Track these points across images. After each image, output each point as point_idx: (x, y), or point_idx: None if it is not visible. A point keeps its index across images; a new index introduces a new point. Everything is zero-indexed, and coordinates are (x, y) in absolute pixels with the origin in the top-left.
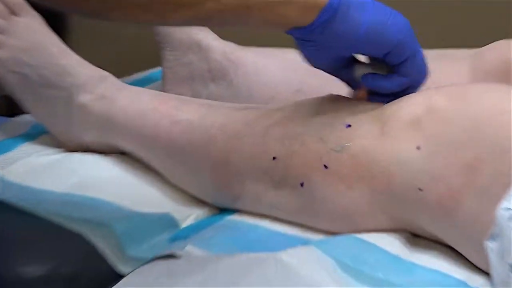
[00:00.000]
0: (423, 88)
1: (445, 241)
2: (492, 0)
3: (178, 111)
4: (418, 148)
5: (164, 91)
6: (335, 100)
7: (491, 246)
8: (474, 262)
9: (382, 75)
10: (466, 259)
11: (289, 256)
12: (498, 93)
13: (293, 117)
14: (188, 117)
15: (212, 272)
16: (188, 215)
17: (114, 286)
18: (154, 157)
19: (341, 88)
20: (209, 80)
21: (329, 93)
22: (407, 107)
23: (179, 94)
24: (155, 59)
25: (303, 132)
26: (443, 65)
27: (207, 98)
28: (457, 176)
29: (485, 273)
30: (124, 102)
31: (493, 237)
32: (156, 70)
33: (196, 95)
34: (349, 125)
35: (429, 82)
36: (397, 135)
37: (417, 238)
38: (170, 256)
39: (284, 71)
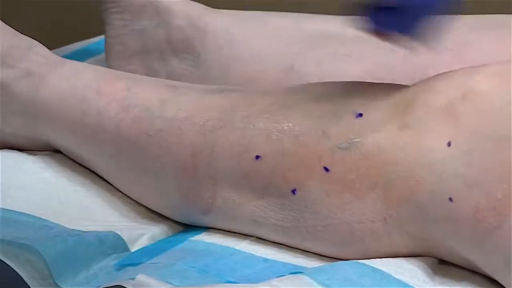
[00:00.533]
0: (462, 65)
1: (482, 269)
2: (492, 0)
3: (130, 94)
4: (448, 144)
5: (108, 68)
6: (341, 82)
7: None
8: None
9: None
10: None
11: None
12: None
13: (283, 103)
14: (143, 103)
15: None
16: (141, 235)
17: None
18: (96, 156)
19: (348, 65)
20: (169, 54)
21: (332, 71)
22: (439, 89)
23: (129, 72)
24: (96, 25)
25: (298, 123)
26: (488, 35)
27: (167, 78)
28: (499, 183)
29: None
30: (57, 80)
31: None
32: (98, 39)
33: (152, 73)
34: (360, 114)
35: (469, 57)
36: (425, 128)
37: (446, 266)
38: None
39: (270, 42)
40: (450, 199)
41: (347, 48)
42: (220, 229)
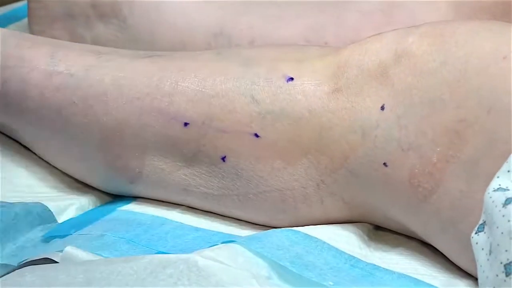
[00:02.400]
0: (393, 26)
1: (418, 234)
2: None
3: (54, 59)
4: (382, 107)
5: (31, 34)
6: (270, 45)
7: (478, 240)
8: (456, 262)
9: None
10: (446, 258)
11: (206, 259)
12: (492, 33)
13: (212, 69)
14: (67, 68)
15: (101, 282)
16: (68, 205)
17: None
18: (20, 125)
19: (280, 27)
20: (94, 19)
21: (264, 34)
22: (371, 52)
23: (52, 38)
24: None
25: (227, 88)
26: None
27: (92, 44)
28: (435, 146)
29: (471, 276)
30: None
31: (481, 228)
32: (20, 4)
33: (76, 39)
34: (291, 78)
35: (400, 18)
36: (358, 91)
37: (381, 231)
38: (45, 261)
39: (199, 7)
40: (385, 163)
41: (278, 10)
42: (150, 198)
